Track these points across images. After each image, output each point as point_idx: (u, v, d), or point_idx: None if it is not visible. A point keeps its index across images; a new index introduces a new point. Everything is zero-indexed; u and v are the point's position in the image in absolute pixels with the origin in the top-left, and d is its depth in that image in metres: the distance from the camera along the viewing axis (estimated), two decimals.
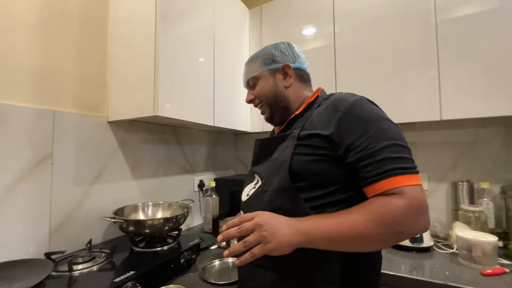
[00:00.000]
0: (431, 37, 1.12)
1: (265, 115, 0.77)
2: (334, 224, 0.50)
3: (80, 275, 0.75)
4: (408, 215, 0.48)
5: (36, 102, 0.87)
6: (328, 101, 0.64)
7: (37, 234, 0.85)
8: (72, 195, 0.95)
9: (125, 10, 1.06)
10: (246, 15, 1.61)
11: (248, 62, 0.78)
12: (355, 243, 0.50)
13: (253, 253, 0.48)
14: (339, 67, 1.32)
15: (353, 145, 0.53)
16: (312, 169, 0.57)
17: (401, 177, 0.49)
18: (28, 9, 0.86)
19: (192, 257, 0.95)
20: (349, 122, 0.55)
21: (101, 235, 1.04)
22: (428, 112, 1.12)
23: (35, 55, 0.87)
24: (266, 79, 0.73)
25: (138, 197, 1.19)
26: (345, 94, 0.63)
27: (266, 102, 0.74)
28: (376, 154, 0.51)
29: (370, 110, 0.57)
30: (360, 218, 0.49)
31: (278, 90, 0.72)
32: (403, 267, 0.96)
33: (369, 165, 0.51)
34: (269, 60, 0.73)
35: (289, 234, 0.49)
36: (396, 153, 0.51)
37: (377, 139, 0.52)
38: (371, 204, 0.51)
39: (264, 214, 0.52)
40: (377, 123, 0.55)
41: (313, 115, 0.64)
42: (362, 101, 0.59)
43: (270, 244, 0.48)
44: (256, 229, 0.50)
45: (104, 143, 1.06)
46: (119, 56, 1.07)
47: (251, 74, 0.75)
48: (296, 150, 0.60)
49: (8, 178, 0.79)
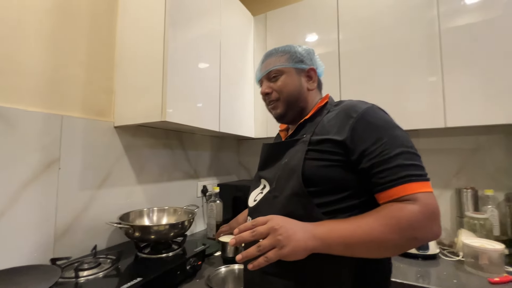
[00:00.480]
0: (434, 45, 1.13)
1: (276, 111, 0.74)
2: (350, 229, 0.50)
3: (86, 281, 0.74)
4: (423, 221, 0.48)
5: (45, 106, 0.87)
6: (338, 107, 0.64)
7: (42, 239, 0.84)
8: (78, 200, 0.94)
9: (134, 15, 1.07)
10: (251, 22, 1.63)
11: (272, 54, 0.75)
12: (370, 248, 0.50)
13: (267, 258, 0.47)
14: (344, 74, 1.33)
15: (367, 151, 0.54)
16: (324, 175, 0.57)
17: (415, 184, 0.50)
18: (38, 15, 0.87)
19: (198, 264, 0.94)
20: (363, 128, 0.56)
21: (106, 240, 1.03)
22: (433, 120, 1.13)
23: (44, 60, 0.88)
24: (291, 76, 0.72)
25: (142, 202, 1.18)
26: (357, 102, 0.63)
27: (285, 99, 0.72)
28: (390, 161, 0.52)
29: (383, 118, 0.58)
30: (376, 223, 0.49)
31: (302, 90, 0.72)
32: (410, 274, 0.95)
33: (383, 171, 0.52)
34: (297, 58, 0.72)
35: (304, 239, 0.49)
36: (409, 160, 0.52)
37: (391, 146, 0.53)
38: (386, 209, 0.51)
39: (278, 218, 0.51)
40: (390, 130, 0.56)
41: (324, 121, 0.64)
42: (374, 109, 0.60)
43: (285, 248, 0.47)
44: (270, 233, 0.49)
45: (111, 148, 1.06)
46: (127, 62, 1.07)
47: (275, 66, 0.72)
48: (308, 155, 0.60)
49: (15, 182, 0.79)
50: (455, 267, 1.01)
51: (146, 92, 0.99)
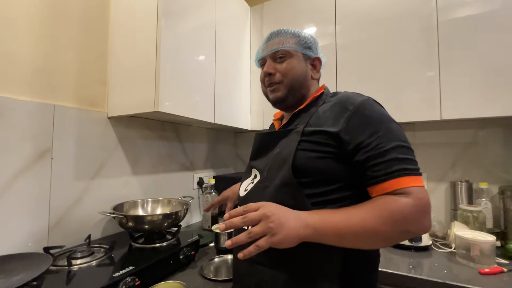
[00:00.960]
0: (432, 37, 1.12)
1: (276, 94, 0.70)
2: (343, 219, 0.50)
3: (79, 269, 0.75)
4: (415, 214, 0.49)
5: (37, 96, 0.87)
6: (334, 99, 0.63)
7: (36, 228, 0.85)
8: (72, 190, 0.95)
9: (127, 5, 1.06)
10: (248, 13, 1.60)
11: (280, 34, 0.71)
12: (362, 239, 0.50)
13: (258, 246, 0.47)
14: (340, 65, 1.32)
15: (363, 144, 0.54)
16: (316, 166, 0.57)
17: (409, 178, 0.50)
18: (29, 2, 0.85)
19: (191, 254, 0.95)
20: (358, 121, 0.56)
21: (100, 230, 1.04)
22: (428, 112, 1.12)
23: (36, 49, 0.87)
24: (299, 60, 0.69)
25: (137, 193, 1.18)
26: (353, 94, 0.62)
27: (288, 83, 0.68)
28: (385, 154, 0.52)
29: (378, 111, 0.58)
30: (370, 215, 0.49)
31: (307, 77, 0.70)
32: (402, 265, 0.96)
33: (378, 165, 0.52)
34: (306, 44, 0.70)
35: (296, 227, 0.48)
36: (404, 154, 0.52)
37: (386, 140, 0.53)
38: (379, 201, 0.51)
39: (270, 205, 0.51)
40: (386, 124, 0.56)
41: (319, 112, 0.63)
42: (370, 101, 0.60)
43: (277, 236, 0.47)
44: (262, 219, 0.48)
45: (104, 138, 1.06)
46: (120, 52, 1.06)
47: (284, 46, 0.68)
48: (300, 145, 0.59)
49: (7, 171, 0.79)
50: (447, 258, 1.02)
51: (139, 82, 0.98)
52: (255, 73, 1.58)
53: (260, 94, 1.60)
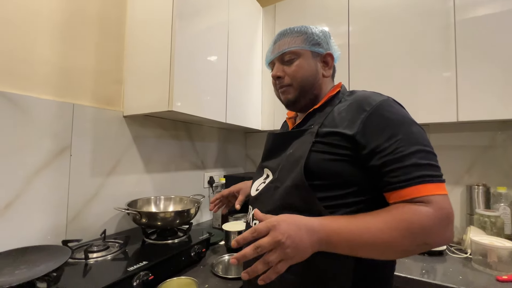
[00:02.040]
0: (449, 36, 1.09)
1: (287, 96, 0.68)
2: (357, 231, 0.47)
3: (95, 263, 0.77)
4: (436, 226, 0.45)
5: (57, 95, 0.90)
6: (351, 98, 0.60)
7: (55, 222, 0.88)
8: (89, 186, 0.98)
9: (143, 8, 1.08)
10: (260, 13, 1.61)
11: (286, 34, 0.68)
12: (377, 251, 0.48)
13: (277, 270, 0.45)
14: (353, 66, 1.30)
15: (380, 147, 0.51)
16: (330, 169, 0.54)
17: (430, 185, 0.47)
18: (50, 6, 0.89)
19: (202, 251, 0.96)
20: (376, 123, 0.53)
21: (115, 226, 1.07)
22: (445, 113, 1.09)
23: (56, 50, 0.91)
24: (308, 60, 0.66)
25: (150, 190, 1.21)
26: (371, 93, 0.59)
27: (298, 85, 0.66)
28: (404, 159, 0.48)
29: (398, 112, 0.54)
30: (386, 226, 0.46)
31: (317, 76, 0.67)
32: (415, 270, 0.94)
33: (396, 170, 0.49)
34: (314, 41, 0.66)
35: (311, 244, 0.46)
36: (425, 160, 0.48)
37: (406, 143, 0.49)
38: (397, 211, 0.47)
39: (281, 224, 0.46)
40: (406, 126, 0.52)
41: (335, 112, 0.60)
42: (390, 102, 0.56)
43: (293, 258, 0.45)
44: (277, 247, 0.44)
45: (119, 136, 1.09)
46: (136, 52, 1.09)
47: (291, 47, 0.66)
48: (314, 147, 0.57)
49: (29, 167, 0.82)
50: (462, 264, 0.99)
51: (154, 82, 1.01)
52: (266, 73, 1.58)
53: (271, 94, 1.62)
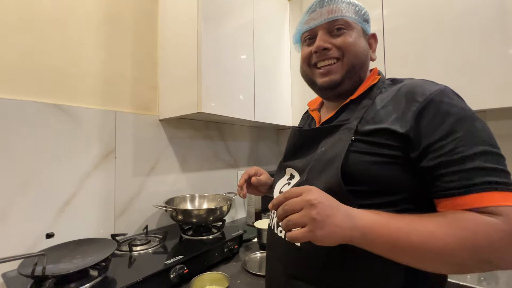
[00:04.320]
0: (505, 9, 0.93)
1: (332, 76, 0.56)
2: (403, 229, 0.39)
3: (138, 255, 0.85)
4: (506, 243, 0.37)
5: (101, 104, 1.01)
6: (396, 87, 0.51)
7: (105, 217, 0.99)
8: (132, 186, 1.08)
9: (172, 16, 1.14)
10: (286, 7, 1.58)
11: (335, 1, 0.57)
12: (423, 259, 0.39)
13: (292, 238, 0.39)
14: (389, 53, 1.19)
15: (434, 146, 0.42)
16: (373, 173, 0.46)
17: (498, 194, 0.38)
18: (93, 25, 0.99)
19: (234, 247, 0.99)
20: (431, 116, 0.44)
21: (156, 222, 1.15)
22: (503, 97, 0.94)
23: (99, 63, 1.01)
24: (360, 36, 0.57)
25: (186, 188, 1.28)
26: (422, 81, 0.49)
27: (348, 61, 0.55)
28: (465, 161, 0.40)
29: (459, 105, 0.45)
30: (441, 230, 0.38)
31: (368, 56, 0.58)
32: (470, 276, 0.83)
33: (454, 173, 0.40)
34: (366, 16, 0.58)
35: (344, 225, 0.39)
36: (492, 163, 0.40)
37: (468, 142, 0.41)
38: (457, 216, 0.39)
39: (317, 191, 0.41)
40: (469, 122, 0.43)
41: (377, 103, 0.51)
42: (448, 92, 0.46)
43: (319, 231, 0.38)
44: (305, 207, 0.39)
45: (157, 139, 1.17)
46: (167, 58, 1.16)
47: (344, 15, 0.55)
48: (354, 146, 0.48)
49: (82, 170, 0.94)
50: None
51: (184, 86, 1.06)
52: (295, 68, 1.55)
53: (301, 90, 1.58)
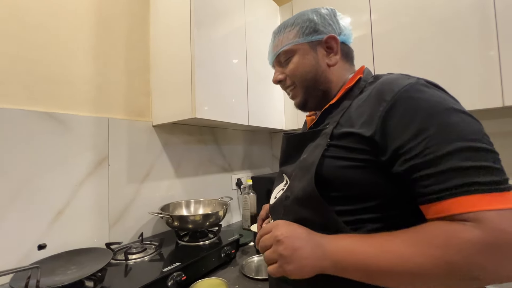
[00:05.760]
0: (487, 13, 0.98)
1: (296, 99, 0.63)
2: (372, 253, 0.38)
3: (134, 264, 0.84)
4: (487, 255, 0.33)
5: (94, 111, 0.99)
6: (373, 86, 0.49)
7: (99, 226, 0.97)
8: (126, 193, 1.06)
9: (163, 22, 1.14)
10: (277, 12, 1.60)
11: (279, 32, 0.61)
12: (400, 283, 0.38)
13: (270, 272, 0.43)
14: (378, 57, 1.23)
15: (404, 148, 0.40)
16: (347, 177, 0.45)
17: (478, 197, 0.34)
18: (85, 32, 0.98)
19: (232, 252, 0.99)
20: (398, 116, 0.41)
21: (151, 228, 1.14)
22: (488, 98, 0.98)
23: (91, 71, 1.00)
24: (305, 54, 0.58)
25: (181, 194, 1.27)
26: (397, 76, 0.47)
27: (301, 84, 0.60)
28: (438, 162, 0.37)
29: (431, 98, 0.41)
30: (410, 251, 0.36)
31: (319, 68, 0.58)
32: None
33: (428, 177, 0.37)
34: (309, 28, 0.58)
35: (313, 257, 0.40)
36: (471, 161, 0.36)
37: (440, 140, 0.37)
38: (426, 230, 0.37)
39: (283, 225, 0.44)
40: (441, 116, 0.39)
41: (353, 106, 0.50)
42: (418, 85, 0.43)
43: (288, 265, 0.40)
44: (274, 244, 0.42)
45: (150, 145, 1.16)
46: (160, 64, 1.16)
47: (283, 47, 0.59)
48: (328, 151, 0.48)
49: (75, 177, 0.92)
50: None
51: (177, 91, 1.06)
52: None
53: None
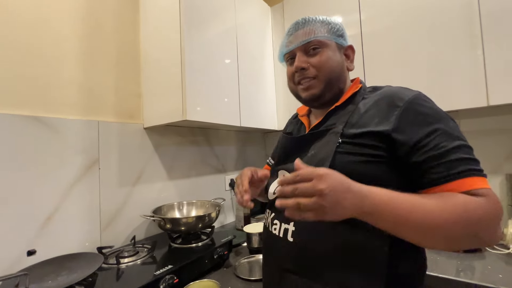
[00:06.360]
0: (473, 14, 1.00)
1: (312, 91, 0.63)
2: (407, 206, 0.44)
3: (126, 267, 0.83)
4: (490, 220, 0.44)
5: (83, 114, 0.98)
6: (377, 94, 0.58)
7: (90, 230, 0.97)
8: (117, 196, 1.06)
9: (153, 25, 1.14)
10: (268, 13, 1.60)
11: (309, 22, 0.63)
12: (422, 233, 0.44)
13: (303, 217, 0.42)
14: (368, 56, 1.25)
15: (420, 143, 0.49)
16: (361, 171, 0.50)
17: (477, 179, 0.46)
18: (74, 35, 0.97)
19: (224, 253, 0.99)
20: (412, 118, 0.51)
21: (144, 231, 1.14)
22: (473, 98, 1.00)
23: (80, 72, 0.99)
24: (334, 51, 0.63)
25: (174, 196, 1.27)
26: (399, 88, 0.57)
27: (325, 77, 0.62)
28: (448, 154, 0.47)
29: (434, 107, 0.53)
30: (439, 208, 0.43)
31: (343, 68, 0.64)
32: (449, 268, 0.88)
33: (440, 165, 0.47)
34: (339, 31, 0.63)
35: (352, 207, 0.43)
36: (468, 154, 0.48)
37: (447, 138, 0.48)
38: (451, 196, 0.45)
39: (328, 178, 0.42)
40: (444, 121, 0.50)
41: (360, 109, 0.57)
42: (422, 96, 0.54)
43: (327, 215, 0.42)
44: (316, 195, 0.41)
45: (142, 147, 1.16)
46: (150, 67, 1.15)
47: (317, 36, 0.61)
48: (340, 148, 0.54)
49: (65, 182, 0.91)
50: (504, 261, 0.91)
51: (168, 93, 1.05)
52: (278, 72, 1.57)
53: (285, 94, 1.60)
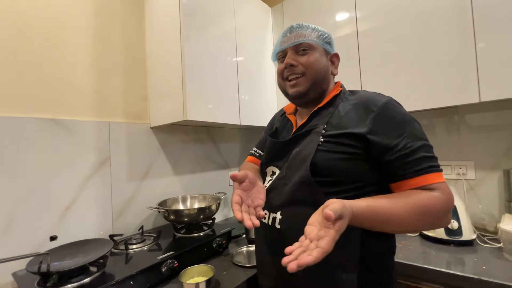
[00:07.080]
0: (465, 10, 1.00)
1: (298, 88, 0.69)
2: (381, 210, 0.52)
3: (134, 253, 0.94)
4: (445, 210, 0.55)
5: (96, 116, 1.09)
6: (355, 98, 0.66)
7: (103, 220, 1.08)
8: (127, 190, 1.16)
9: (157, 27, 1.22)
10: (269, 13, 1.65)
11: (302, 27, 0.71)
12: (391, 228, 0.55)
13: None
14: (363, 54, 1.27)
15: (392, 144, 0.57)
16: (341, 167, 0.59)
17: (436, 174, 0.55)
18: (86, 42, 1.08)
19: (223, 243, 1.07)
20: (384, 121, 0.59)
21: (151, 222, 1.24)
22: (465, 94, 1.01)
23: (92, 78, 1.09)
24: (321, 55, 0.70)
25: (179, 191, 1.37)
26: (374, 94, 0.65)
27: (311, 76, 0.68)
28: (414, 153, 0.56)
29: (402, 111, 0.61)
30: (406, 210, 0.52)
31: (328, 72, 0.71)
32: (435, 261, 0.91)
33: (408, 163, 0.56)
34: (327, 39, 0.71)
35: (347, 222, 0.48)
36: (429, 153, 0.57)
37: (413, 139, 0.57)
38: (416, 196, 0.54)
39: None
40: (410, 124, 0.59)
41: (340, 111, 0.65)
42: (393, 102, 0.63)
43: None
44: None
45: (149, 145, 1.26)
46: (155, 70, 1.24)
47: (307, 39, 0.68)
48: (322, 146, 0.61)
49: (80, 177, 1.02)
50: (493, 254, 0.93)
51: (171, 95, 1.14)
52: None
53: None
